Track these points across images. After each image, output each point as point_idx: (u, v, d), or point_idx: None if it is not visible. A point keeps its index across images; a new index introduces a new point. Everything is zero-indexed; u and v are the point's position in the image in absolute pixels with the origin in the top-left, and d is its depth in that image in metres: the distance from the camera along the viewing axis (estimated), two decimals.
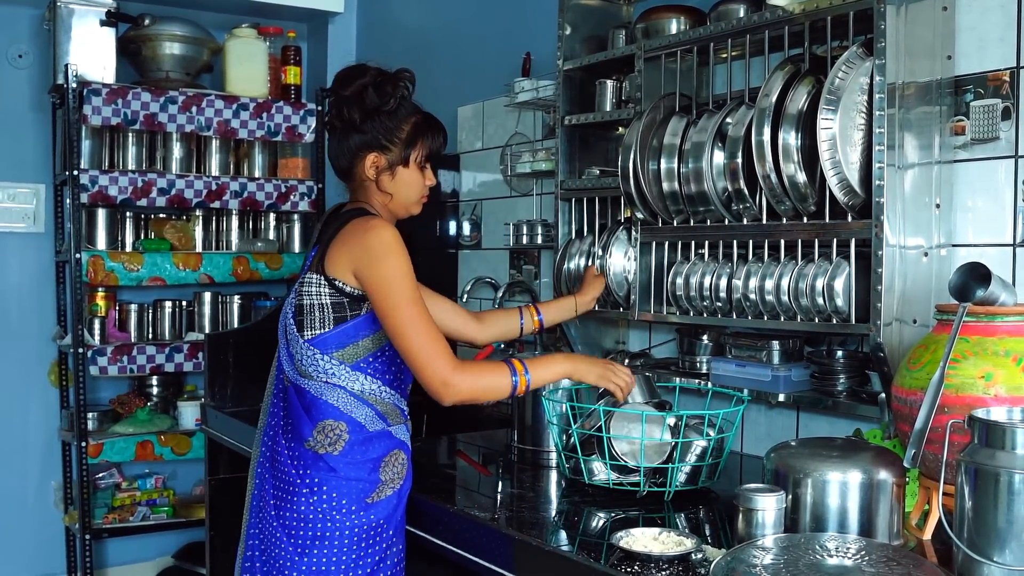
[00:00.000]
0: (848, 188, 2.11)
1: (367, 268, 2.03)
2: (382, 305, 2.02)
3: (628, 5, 3.06)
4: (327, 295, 2.08)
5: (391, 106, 2.16)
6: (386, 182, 2.19)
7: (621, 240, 2.74)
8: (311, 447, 2.08)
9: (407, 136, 2.19)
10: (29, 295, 4.35)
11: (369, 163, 2.18)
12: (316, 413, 2.09)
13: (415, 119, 2.21)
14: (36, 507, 4.37)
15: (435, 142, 2.23)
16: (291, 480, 2.10)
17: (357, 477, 2.08)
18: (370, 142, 2.17)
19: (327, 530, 2.06)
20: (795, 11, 2.26)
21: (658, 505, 2.15)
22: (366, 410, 2.10)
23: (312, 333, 2.09)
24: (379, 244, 2.04)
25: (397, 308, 2.00)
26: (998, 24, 2.14)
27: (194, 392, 4.37)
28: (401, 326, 2.00)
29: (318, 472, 2.07)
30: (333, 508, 2.06)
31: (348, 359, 2.09)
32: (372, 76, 2.17)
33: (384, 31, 4.54)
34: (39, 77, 4.30)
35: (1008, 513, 1.52)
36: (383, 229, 2.05)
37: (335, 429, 2.08)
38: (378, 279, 2.02)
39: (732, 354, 2.54)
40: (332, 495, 2.06)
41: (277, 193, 4.29)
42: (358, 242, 2.06)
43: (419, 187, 2.24)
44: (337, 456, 2.07)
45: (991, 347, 1.77)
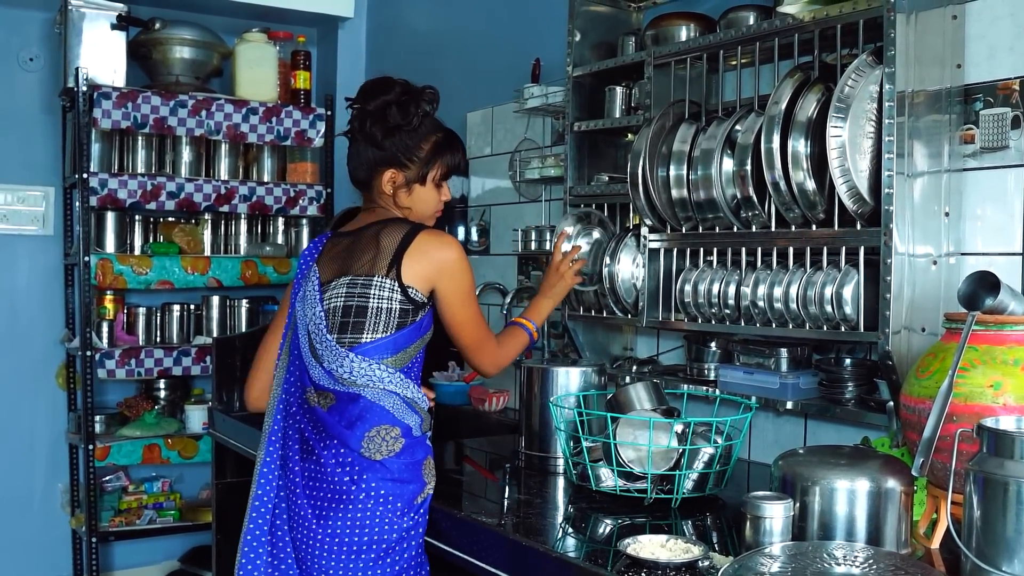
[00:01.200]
0: (857, 196, 2.11)
1: (449, 280, 2.18)
2: (460, 312, 2.23)
3: (638, 12, 3.07)
4: (397, 300, 2.12)
5: (412, 125, 2.20)
6: (402, 198, 2.24)
7: (630, 247, 2.74)
8: (366, 454, 2.09)
9: (426, 155, 2.23)
10: (38, 298, 4.36)
11: (387, 179, 2.22)
12: (370, 419, 2.10)
13: (435, 138, 2.25)
14: (43, 510, 4.37)
15: (453, 160, 2.28)
16: (342, 489, 2.09)
17: (411, 479, 2.12)
18: (389, 159, 2.21)
19: (383, 532, 2.08)
20: (805, 19, 2.26)
21: (665, 512, 2.14)
22: (414, 417, 2.16)
23: (372, 336, 2.11)
24: (459, 261, 2.19)
25: (472, 314, 2.26)
26: (1008, 33, 2.14)
27: (201, 396, 4.38)
28: (474, 328, 2.27)
29: (375, 478, 2.09)
30: (389, 511, 2.08)
31: (399, 364, 2.14)
32: (396, 94, 2.20)
33: (394, 36, 4.55)
34: (50, 80, 4.31)
35: (1017, 522, 1.51)
36: (457, 245, 2.21)
37: (391, 433, 2.11)
38: (459, 290, 2.21)
39: (740, 361, 2.54)
40: (389, 498, 2.09)
41: (286, 197, 4.30)
42: (437, 255, 2.16)
43: (434, 203, 2.29)
44: (393, 459, 2.10)
45: (1000, 356, 1.76)
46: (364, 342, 2.12)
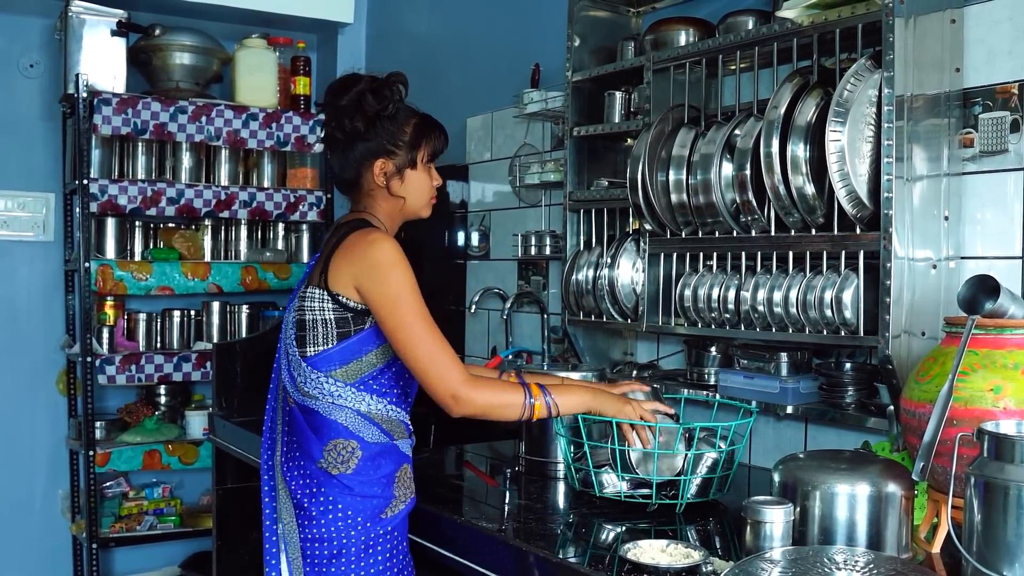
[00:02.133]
0: (857, 200, 2.11)
1: (371, 283, 2.01)
2: (388, 320, 2.01)
3: (637, 17, 3.07)
4: (330, 310, 2.06)
5: (391, 110, 2.15)
6: (396, 187, 2.17)
7: (629, 251, 2.74)
8: (323, 467, 2.06)
9: (411, 138, 2.17)
10: (38, 304, 4.36)
11: (377, 170, 2.16)
12: (326, 432, 2.06)
13: (415, 120, 2.20)
14: (43, 516, 4.37)
15: (438, 141, 2.23)
16: (302, 503, 2.07)
17: (372, 494, 2.06)
18: (375, 149, 2.15)
19: (344, 546, 2.04)
20: (804, 23, 2.27)
21: (666, 517, 2.14)
22: (373, 429, 2.08)
23: (315, 350, 2.06)
24: (383, 258, 2.01)
25: (404, 323, 1.99)
26: (1007, 37, 2.14)
27: (202, 401, 4.38)
28: (410, 341, 1.99)
29: (332, 491, 2.05)
30: (351, 527, 2.04)
31: (351, 377, 2.07)
32: (367, 82, 2.15)
33: (393, 42, 4.56)
34: (50, 86, 4.32)
35: (1017, 527, 1.51)
36: (385, 242, 2.04)
37: (347, 447, 2.06)
38: (383, 294, 2.00)
39: (740, 366, 2.54)
40: (348, 512, 2.04)
41: (286, 203, 4.30)
42: (360, 256, 2.03)
43: (428, 188, 2.22)
44: (351, 475, 2.05)
45: (1000, 360, 1.76)
46: (309, 355, 2.07)
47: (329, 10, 4.55)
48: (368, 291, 2.02)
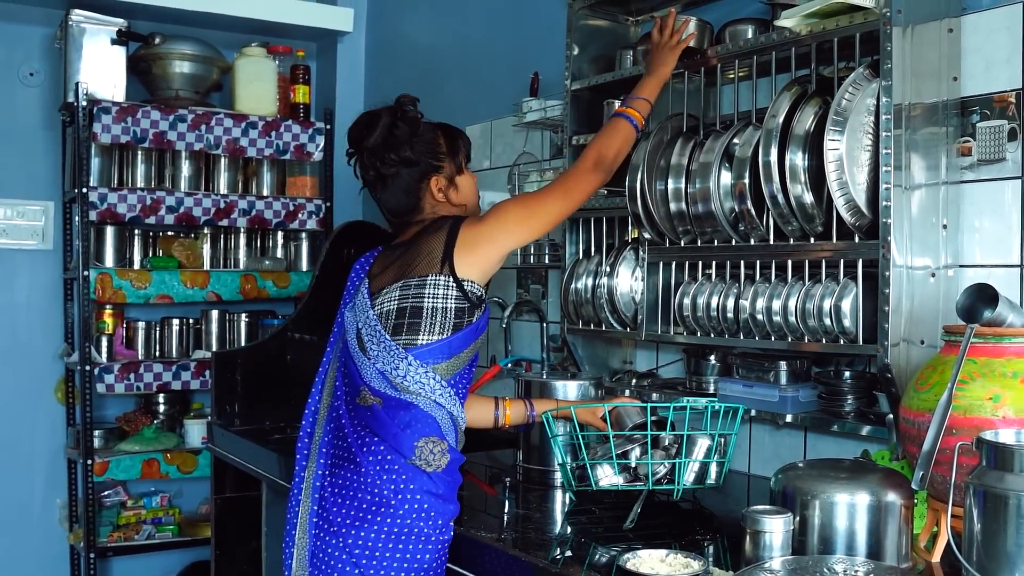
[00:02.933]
0: (855, 209, 2.12)
1: (496, 225, 2.14)
2: (522, 203, 2.22)
3: (636, 26, 3.08)
4: (453, 298, 2.08)
5: (421, 129, 2.21)
6: (455, 196, 2.25)
7: (628, 260, 2.74)
8: (416, 464, 2.03)
9: (447, 147, 2.25)
10: (37, 312, 4.35)
11: (435, 188, 2.22)
12: (419, 428, 2.05)
13: (441, 131, 2.27)
14: (41, 525, 4.36)
15: (467, 142, 2.32)
16: (381, 498, 2.02)
17: (451, 498, 2.08)
18: (425, 169, 2.21)
19: (417, 551, 2.01)
20: (802, 32, 2.27)
21: (666, 520, 2.14)
22: (454, 436, 2.12)
23: (428, 339, 2.06)
24: (493, 209, 2.18)
25: (538, 193, 2.24)
26: (1004, 46, 2.15)
27: (201, 410, 4.37)
28: (544, 191, 2.22)
29: (420, 489, 2.02)
30: (430, 527, 2.02)
31: (449, 372, 2.09)
32: (389, 114, 2.20)
33: (393, 50, 4.56)
34: (50, 95, 4.32)
35: (1017, 536, 1.51)
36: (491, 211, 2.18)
37: (438, 446, 2.06)
38: (502, 209, 2.16)
39: (739, 374, 2.54)
40: (432, 513, 2.03)
41: (285, 211, 4.30)
42: (480, 229, 2.13)
43: (476, 188, 2.33)
44: (441, 475, 2.05)
45: (999, 368, 1.76)
46: (419, 344, 2.06)
47: (329, 19, 4.55)
48: (496, 229, 2.14)
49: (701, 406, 2.33)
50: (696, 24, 2.54)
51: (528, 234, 2.20)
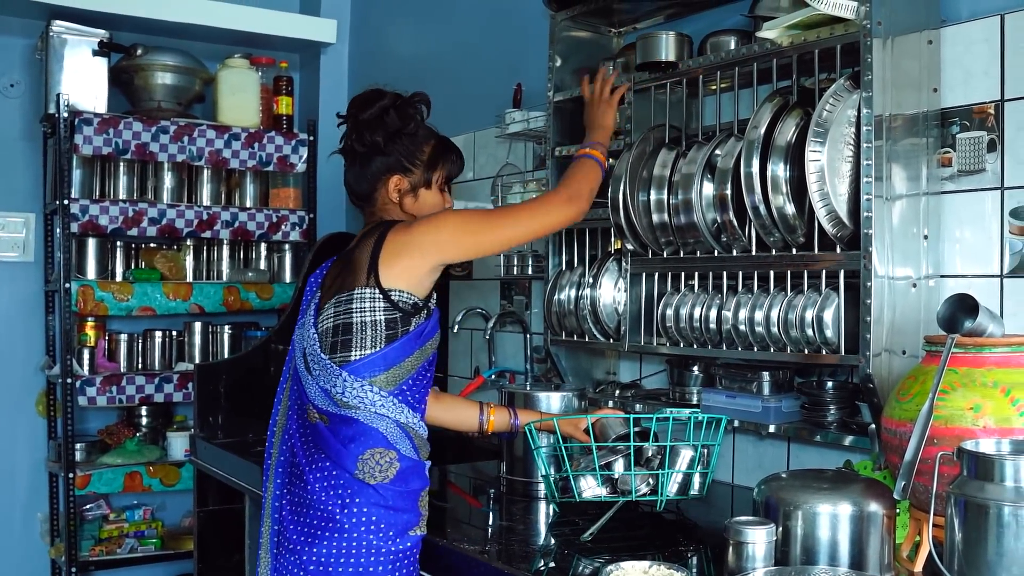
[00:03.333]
0: (836, 219, 2.12)
1: (426, 234, 2.06)
2: (463, 218, 2.13)
3: (618, 37, 3.09)
4: (381, 310, 2.03)
5: (412, 128, 2.19)
6: (409, 204, 2.21)
7: (611, 271, 2.75)
8: (360, 477, 2.01)
9: (428, 158, 2.22)
10: (18, 325, 4.32)
11: (392, 186, 2.19)
12: (364, 442, 2.03)
13: (434, 142, 2.25)
14: (22, 539, 4.32)
15: (455, 165, 2.28)
16: (328, 515, 2.01)
17: (404, 508, 2.04)
18: (393, 164, 2.19)
19: (371, 564, 1.99)
20: (784, 44, 2.28)
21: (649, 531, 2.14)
22: (407, 443, 2.07)
23: (360, 354, 2.03)
24: (436, 214, 2.13)
25: (488, 215, 2.18)
26: (983, 57, 2.16)
27: (183, 423, 4.34)
28: (498, 215, 2.20)
29: (367, 502, 2.01)
30: (381, 539, 2.00)
31: (391, 384, 2.05)
32: (391, 99, 2.19)
33: (376, 62, 4.56)
34: (30, 106, 4.30)
35: (998, 546, 1.51)
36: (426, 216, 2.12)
37: (385, 456, 2.03)
38: (442, 218, 2.10)
39: (722, 385, 2.54)
40: (381, 526, 2.01)
41: (268, 223, 4.29)
42: (407, 236, 2.06)
43: (437, 209, 2.23)
44: (388, 485, 2.02)
45: (979, 378, 1.77)
46: (352, 360, 2.03)
47: (312, 30, 4.55)
48: (430, 239, 2.06)
49: (684, 417, 2.33)
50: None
51: (463, 252, 2.14)
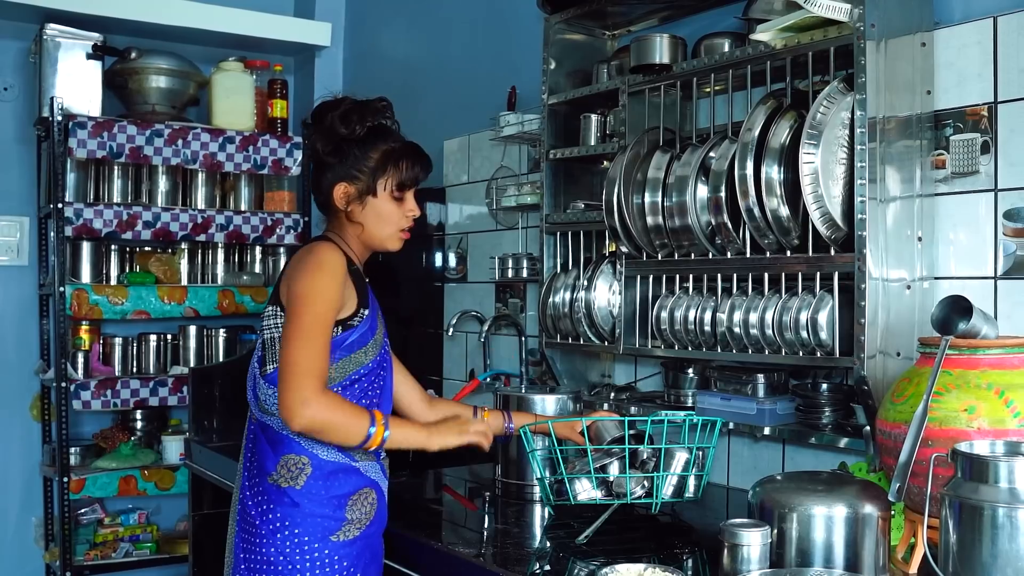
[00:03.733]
0: (830, 222, 2.13)
1: (291, 280, 2.02)
2: (288, 311, 2.00)
3: (612, 40, 3.09)
4: (278, 327, 2.06)
5: (356, 134, 2.14)
6: (356, 212, 2.16)
7: (606, 274, 2.75)
8: (274, 481, 2.04)
9: (375, 164, 2.15)
10: (12, 328, 4.31)
11: (339, 194, 2.15)
12: (281, 448, 2.06)
13: (387, 148, 2.17)
14: (16, 544, 4.31)
15: (410, 171, 2.18)
16: (253, 522, 2.05)
17: (321, 514, 2.03)
18: (340, 173, 2.15)
19: (293, 571, 2.00)
20: (777, 46, 2.28)
21: (643, 540, 2.14)
22: (328, 447, 2.05)
23: (272, 366, 2.06)
24: (312, 261, 2.03)
25: (297, 316, 1.97)
26: (976, 60, 2.17)
27: (178, 426, 4.34)
28: (293, 335, 1.96)
29: (281, 507, 2.03)
30: (297, 546, 2.01)
31: None
32: (344, 106, 2.16)
33: (370, 65, 4.56)
34: (24, 110, 4.29)
35: (992, 547, 1.52)
36: (323, 251, 2.05)
37: (298, 463, 2.04)
38: (294, 290, 2.00)
39: (717, 387, 2.54)
40: (295, 531, 2.01)
41: (263, 226, 4.29)
42: (296, 261, 2.06)
43: (394, 218, 2.18)
44: (300, 490, 2.03)
45: (974, 380, 1.77)
46: (268, 372, 2.07)
47: (306, 33, 4.55)
48: (289, 287, 2.02)
49: (679, 419, 2.33)
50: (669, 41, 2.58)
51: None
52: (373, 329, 2.12)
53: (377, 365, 2.13)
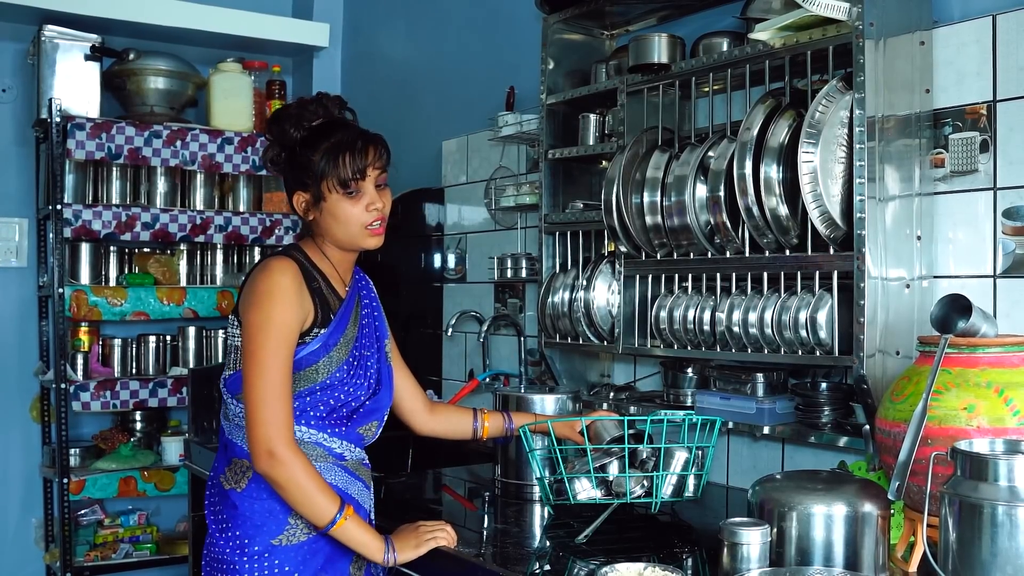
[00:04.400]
0: (829, 221, 2.13)
1: (244, 306, 2.00)
2: (244, 347, 1.97)
3: (611, 39, 3.09)
4: (236, 336, 2.07)
5: (292, 140, 2.06)
6: (317, 220, 2.07)
7: (605, 273, 2.75)
8: (223, 482, 2.07)
9: (318, 167, 2.02)
10: (11, 330, 4.31)
11: (297, 203, 2.08)
12: (231, 451, 2.08)
13: (326, 144, 2.03)
14: (16, 545, 4.31)
15: (354, 163, 2.02)
16: (208, 520, 2.09)
17: (260, 517, 2.01)
18: (292, 181, 2.08)
19: (235, 573, 2.00)
20: (776, 45, 2.28)
21: (643, 541, 2.14)
22: None
23: (227, 374, 2.09)
24: (263, 287, 1.97)
25: (253, 354, 1.93)
26: (975, 58, 2.17)
27: (178, 427, 4.34)
28: (251, 374, 1.93)
29: (225, 509, 2.05)
30: (237, 548, 2.01)
31: None
32: (289, 110, 2.09)
33: (368, 65, 4.56)
34: (23, 111, 4.29)
35: (992, 545, 1.52)
36: (274, 273, 1.98)
37: (241, 466, 2.05)
38: (248, 321, 1.97)
39: (717, 387, 2.54)
40: (236, 533, 2.02)
41: (262, 227, 4.29)
42: (249, 280, 2.04)
43: (353, 218, 2.04)
44: (240, 492, 2.03)
45: (973, 378, 1.77)
46: (226, 377, 2.10)
47: (304, 34, 4.55)
48: (242, 314, 2.01)
49: (678, 419, 2.33)
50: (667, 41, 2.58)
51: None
52: (328, 348, 2.04)
53: (339, 382, 2.06)
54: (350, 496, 2.08)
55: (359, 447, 2.15)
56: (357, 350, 2.12)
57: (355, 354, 2.11)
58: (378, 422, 2.18)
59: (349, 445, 2.11)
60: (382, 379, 2.19)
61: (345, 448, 2.10)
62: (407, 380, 2.38)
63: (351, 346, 2.10)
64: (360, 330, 2.15)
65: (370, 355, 2.16)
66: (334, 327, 2.06)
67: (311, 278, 2.05)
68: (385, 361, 2.22)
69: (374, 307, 2.25)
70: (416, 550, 2.02)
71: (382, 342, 2.22)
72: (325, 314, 2.05)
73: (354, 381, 2.09)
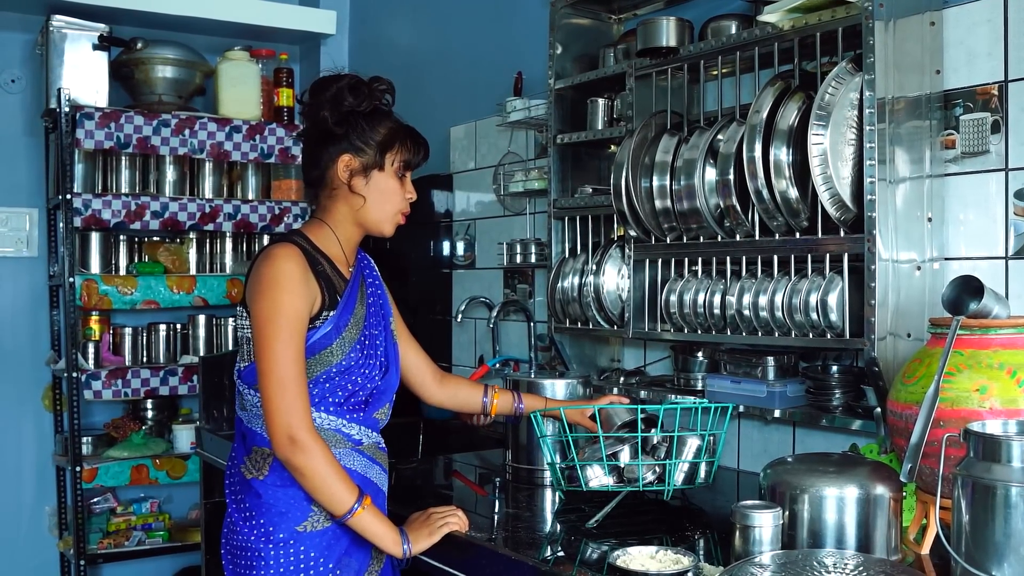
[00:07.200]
0: (840, 203, 2.12)
1: (251, 297, 1.99)
2: (255, 338, 1.96)
3: (618, 24, 3.08)
4: (247, 327, 2.05)
5: (366, 107, 2.08)
6: (359, 185, 2.08)
7: (614, 258, 2.74)
8: (244, 471, 2.06)
9: (383, 139, 2.09)
10: (23, 319, 4.33)
11: (342, 165, 2.08)
12: (250, 440, 2.07)
13: (393, 125, 2.12)
14: (30, 533, 4.34)
15: (415, 153, 2.13)
16: (229, 509, 2.09)
17: (284, 504, 2.01)
18: (343, 144, 2.08)
19: (260, 560, 2.00)
20: (785, 27, 2.27)
21: (655, 523, 2.14)
22: None
23: (243, 364, 2.08)
24: (266, 273, 1.97)
25: (266, 345, 1.93)
26: (986, 38, 2.15)
27: (189, 415, 4.35)
28: (265, 366, 1.93)
29: (248, 498, 2.04)
30: (263, 536, 2.00)
31: None
32: (348, 80, 2.09)
33: (376, 52, 4.56)
34: (32, 102, 4.30)
35: (1005, 526, 1.51)
36: (278, 258, 1.98)
37: (262, 454, 2.04)
38: (256, 312, 1.96)
39: (727, 370, 2.54)
40: (260, 521, 2.01)
41: (271, 215, 4.29)
42: (253, 269, 2.02)
43: (396, 198, 2.12)
44: (262, 481, 2.02)
45: (985, 360, 1.77)
46: (239, 369, 2.09)
47: (311, 22, 4.55)
48: (249, 304, 2.00)
49: (690, 405, 2.33)
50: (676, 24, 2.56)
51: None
52: (339, 329, 2.04)
53: (356, 364, 2.07)
54: (369, 481, 2.09)
55: (375, 431, 2.15)
56: (367, 329, 2.13)
57: (366, 333, 2.12)
58: (389, 403, 2.20)
59: (367, 430, 2.11)
60: (389, 359, 2.19)
61: (363, 434, 2.10)
62: (414, 350, 2.38)
63: (362, 325, 2.11)
64: (367, 308, 2.15)
65: (378, 334, 2.17)
66: (343, 307, 2.06)
67: (315, 262, 2.05)
68: (391, 340, 2.22)
69: (377, 285, 2.25)
70: (430, 538, 2.03)
71: (387, 320, 2.23)
72: (332, 296, 2.05)
73: (368, 363, 2.10)
